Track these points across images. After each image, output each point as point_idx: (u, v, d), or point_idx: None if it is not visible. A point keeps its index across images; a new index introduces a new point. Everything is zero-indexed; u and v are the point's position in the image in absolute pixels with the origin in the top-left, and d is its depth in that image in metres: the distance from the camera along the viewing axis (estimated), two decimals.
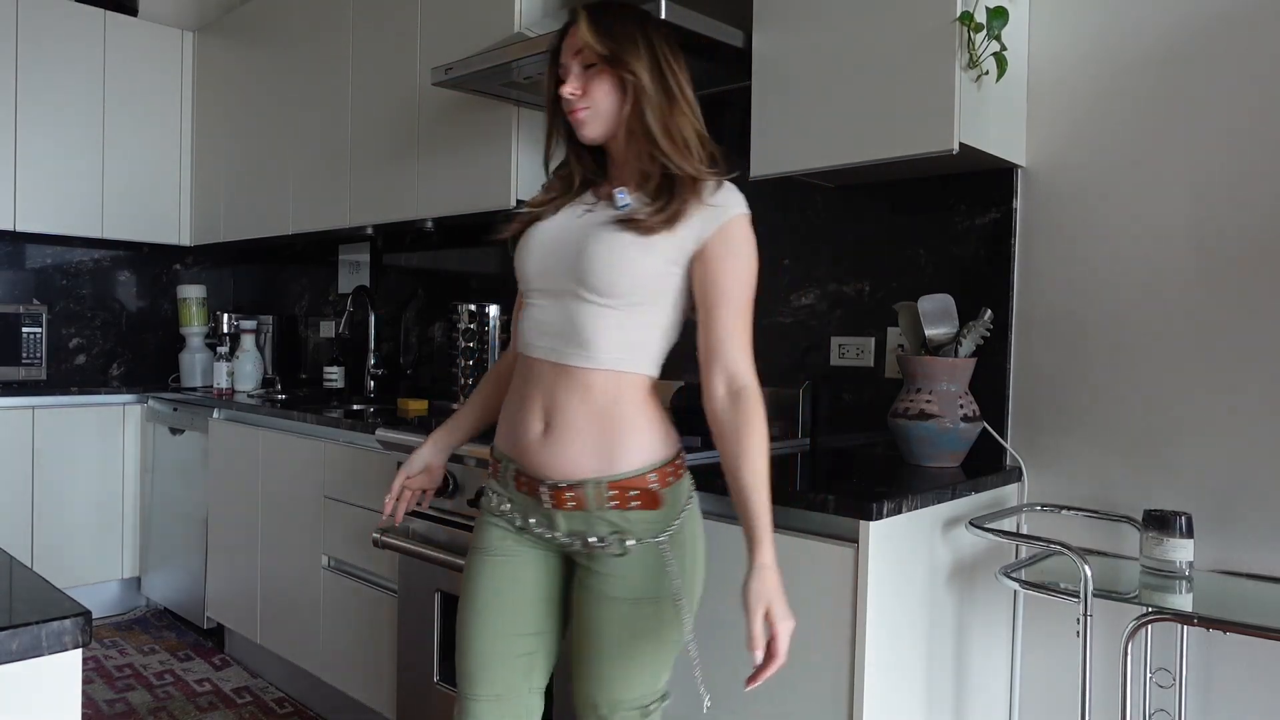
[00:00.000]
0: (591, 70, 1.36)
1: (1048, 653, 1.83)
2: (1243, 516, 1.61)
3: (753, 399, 1.34)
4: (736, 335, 1.35)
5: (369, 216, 2.99)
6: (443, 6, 2.66)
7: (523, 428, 1.39)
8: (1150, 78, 1.72)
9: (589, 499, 1.33)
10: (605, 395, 1.34)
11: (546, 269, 1.39)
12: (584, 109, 1.37)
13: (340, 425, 2.55)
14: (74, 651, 0.82)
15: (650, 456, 1.35)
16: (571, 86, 1.36)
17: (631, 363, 1.36)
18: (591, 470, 1.33)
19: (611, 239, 1.33)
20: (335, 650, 2.53)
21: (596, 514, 1.34)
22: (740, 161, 1.99)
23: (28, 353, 3.57)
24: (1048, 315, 1.84)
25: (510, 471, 1.42)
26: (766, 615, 1.23)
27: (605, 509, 1.33)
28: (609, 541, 1.34)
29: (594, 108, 1.36)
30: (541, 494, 1.36)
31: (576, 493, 1.34)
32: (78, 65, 3.60)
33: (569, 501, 1.35)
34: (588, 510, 1.34)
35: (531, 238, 1.43)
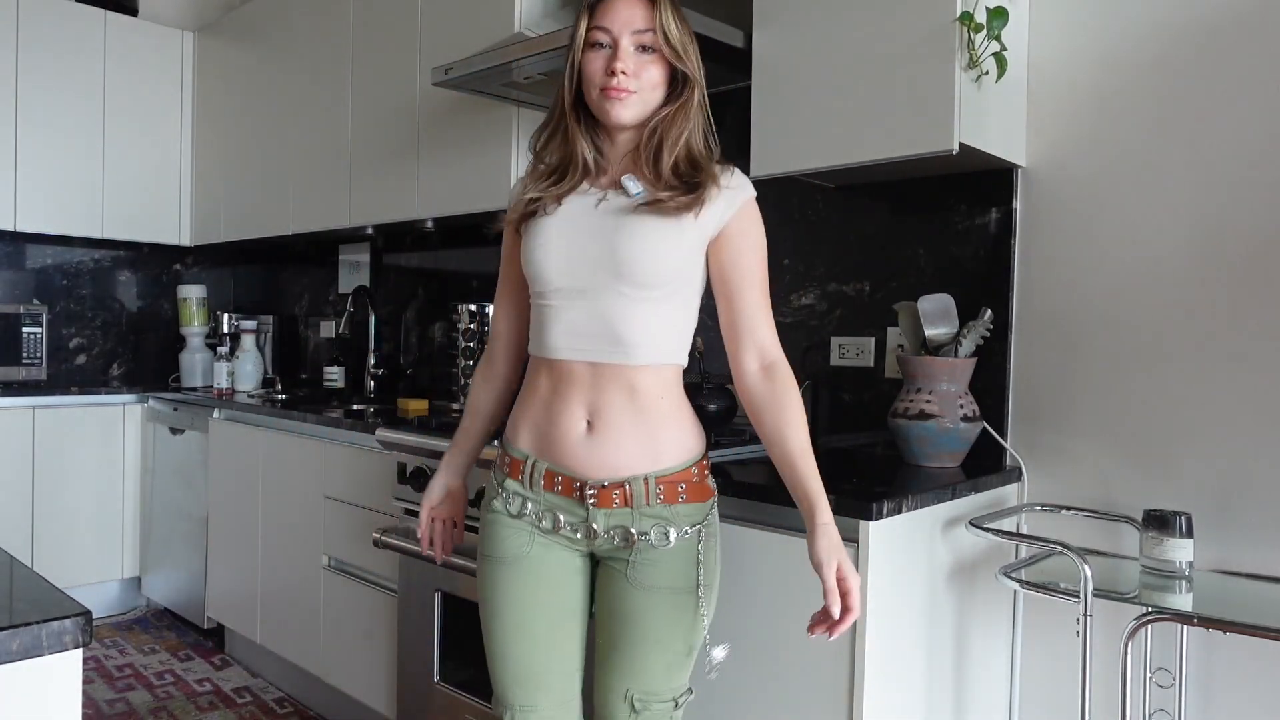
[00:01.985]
0: (646, 54, 1.32)
1: (1048, 653, 1.83)
2: (1243, 516, 1.61)
3: (787, 372, 1.37)
4: (763, 312, 1.37)
5: (369, 216, 2.99)
6: (443, 6, 2.66)
7: (561, 429, 1.35)
8: (1150, 77, 1.72)
9: (637, 496, 1.33)
10: (649, 391, 1.34)
11: (574, 268, 1.33)
12: (632, 91, 1.32)
13: (340, 425, 2.55)
14: (74, 651, 0.82)
15: (692, 450, 1.38)
16: (625, 63, 1.31)
17: (669, 353, 1.37)
18: (640, 467, 1.33)
19: (645, 227, 1.31)
20: (335, 650, 2.53)
21: (643, 510, 1.33)
22: (740, 161, 1.99)
23: (28, 353, 3.57)
24: (1048, 315, 1.84)
25: (540, 471, 1.37)
26: (838, 570, 1.25)
27: (654, 505, 1.33)
28: (653, 535, 1.34)
29: (640, 93, 1.32)
30: (586, 494, 1.34)
31: (624, 490, 1.33)
32: (78, 65, 3.60)
33: (615, 500, 1.33)
34: (633, 507, 1.33)
35: (544, 236, 1.36)
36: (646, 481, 1.33)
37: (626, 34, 1.32)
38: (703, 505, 1.37)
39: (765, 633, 1.55)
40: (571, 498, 1.35)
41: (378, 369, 3.35)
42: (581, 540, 1.37)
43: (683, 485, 1.35)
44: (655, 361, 1.35)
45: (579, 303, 1.34)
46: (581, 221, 1.35)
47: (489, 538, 1.42)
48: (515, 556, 1.39)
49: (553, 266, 1.35)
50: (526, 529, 1.39)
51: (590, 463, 1.34)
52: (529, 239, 1.38)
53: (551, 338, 1.36)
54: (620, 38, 1.32)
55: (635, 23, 1.32)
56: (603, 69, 1.32)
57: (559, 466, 1.36)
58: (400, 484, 2.20)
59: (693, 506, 1.36)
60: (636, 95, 1.32)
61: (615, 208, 1.34)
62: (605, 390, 1.34)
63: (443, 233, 3.23)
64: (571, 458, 1.35)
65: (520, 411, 1.43)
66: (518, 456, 1.41)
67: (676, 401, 1.38)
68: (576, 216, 1.36)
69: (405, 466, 2.18)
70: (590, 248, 1.33)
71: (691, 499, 1.36)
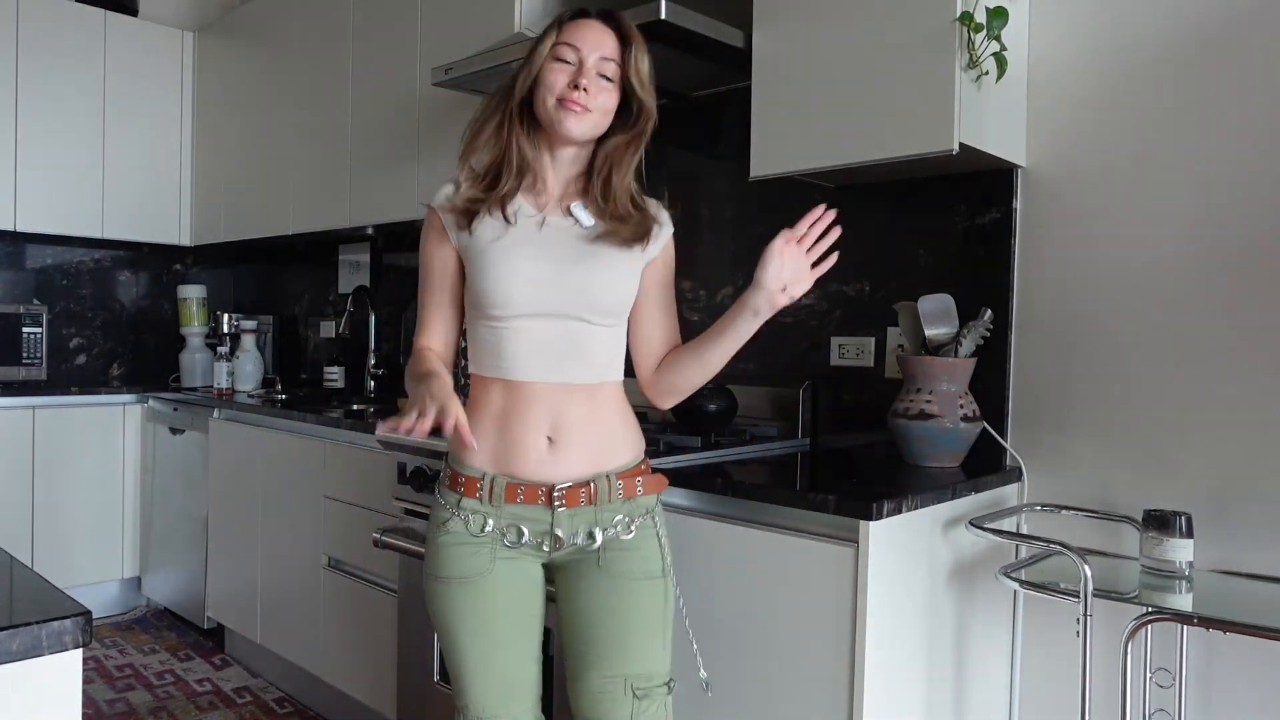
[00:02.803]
0: (605, 82, 1.38)
1: (1048, 653, 1.83)
2: (1243, 516, 1.61)
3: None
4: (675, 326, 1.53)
5: (369, 216, 2.99)
6: (443, 6, 2.66)
7: (522, 445, 1.39)
8: (1151, 78, 1.72)
9: (601, 492, 1.40)
10: (606, 403, 1.43)
11: (541, 295, 1.37)
12: (589, 110, 1.36)
13: (340, 425, 2.55)
14: (74, 651, 0.82)
15: (639, 448, 1.48)
16: (588, 81, 1.35)
17: (618, 370, 1.47)
18: (601, 466, 1.41)
19: (613, 261, 1.40)
20: (335, 650, 2.53)
21: (606, 507, 1.40)
22: (740, 161, 1.99)
23: (28, 353, 3.57)
24: (1048, 315, 1.84)
25: (500, 485, 1.39)
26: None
27: (616, 500, 1.41)
28: (619, 527, 1.41)
29: (594, 114, 1.38)
30: (554, 497, 1.38)
31: (589, 489, 1.39)
32: (78, 65, 3.60)
33: (581, 498, 1.39)
34: (597, 505, 1.40)
35: (507, 264, 1.38)
36: (609, 479, 1.40)
37: (594, 57, 1.37)
38: (654, 496, 1.47)
39: (765, 633, 1.55)
40: (535, 504, 1.39)
41: (378, 369, 3.35)
42: (546, 550, 1.41)
43: (639, 479, 1.44)
44: (612, 378, 1.45)
45: (546, 325, 1.38)
46: (548, 249, 1.40)
47: (446, 559, 1.42)
48: (477, 573, 1.41)
49: (519, 295, 1.38)
50: (487, 547, 1.41)
51: (555, 471, 1.39)
52: (492, 263, 1.39)
53: (513, 359, 1.40)
54: (587, 59, 1.37)
55: (604, 49, 1.37)
56: (566, 82, 1.36)
57: (520, 478, 1.39)
58: (400, 484, 2.20)
59: (650, 498, 1.45)
60: (591, 115, 1.37)
61: (576, 236, 1.41)
62: (564, 407, 1.40)
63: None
64: (533, 470, 1.39)
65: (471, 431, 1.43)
66: (472, 474, 1.41)
67: (623, 409, 1.47)
68: (540, 243, 1.40)
69: (405, 466, 2.18)
70: (561, 277, 1.38)
71: (649, 490, 1.45)
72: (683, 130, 2.45)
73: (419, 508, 2.14)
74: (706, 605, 1.61)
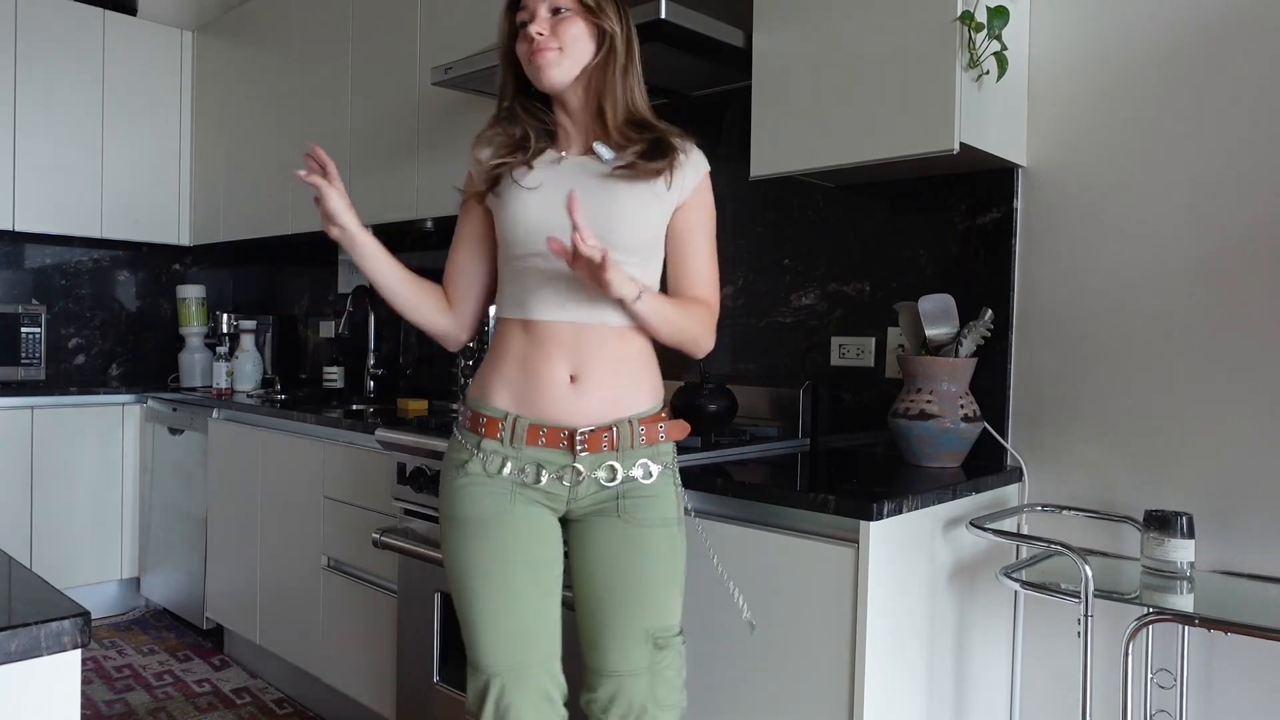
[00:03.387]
0: (561, 16, 1.36)
1: (1048, 653, 1.83)
2: (1243, 516, 1.61)
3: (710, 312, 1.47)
4: (713, 272, 1.49)
5: (369, 216, 2.98)
6: (443, 6, 2.66)
7: (543, 383, 1.38)
8: (1151, 78, 1.72)
9: (623, 438, 1.39)
10: (628, 347, 1.41)
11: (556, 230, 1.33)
12: (552, 49, 1.35)
13: (340, 425, 2.55)
14: (73, 652, 0.82)
15: (660, 394, 1.48)
16: (539, 25, 1.35)
17: None
18: (624, 411, 1.40)
19: (631, 194, 1.37)
20: (335, 650, 2.53)
21: (629, 452, 1.40)
22: (740, 162, 1.99)
23: (26, 353, 3.57)
24: (1048, 315, 1.84)
25: (522, 426, 1.38)
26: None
27: (639, 445, 1.40)
28: (639, 472, 1.40)
29: (565, 50, 1.36)
30: (576, 440, 1.37)
31: (612, 433, 1.39)
32: (77, 65, 3.60)
33: (604, 444, 1.38)
34: (619, 450, 1.39)
35: (521, 201, 1.39)
36: (631, 424, 1.40)
37: (542, 4, 1.37)
38: (673, 443, 1.47)
39: (765, 633, 1.54)
40: (557, 448, 1.38)
41: (377, 369, 3.35)
42: (565, 489, 1.39)
43: (661, 425, 1.44)
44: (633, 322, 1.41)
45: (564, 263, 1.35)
46: (563, 185, 1.37)
47: (464, 499, 1.40)
48: (495, 514, 1.39)
49: (536, 227, 1.37)
50: (506, 487, 1.40)
51: (576, 413, 1.38)
52: (509, 203, 1.41)
53: (533, 298, 1.40)
54: (537, 9, 1.37)
55: None
56: (526, 39, 1.37)
57: (543, 419, 1.38)
58: (400, 484, 2.19)
59: (669, 444, 1.46)
60: (561, 54, 1.37)
61: (594, 173, 1.39)
62: (587, 347, 1.39)
63: (443, 233, 3.22)
64: (556, 410, 1.38)
65: (491, 373, 1.44)
66: (494, 414, 1.41)
67: (648, 357, 1.46)
68: (559, 181, 1.39)
69: (405, 466, 2.18)
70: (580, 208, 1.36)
71: (671, 435, 1.46)
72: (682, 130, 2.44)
73: (419, 508, 2.14)
74: (707, 605, 1.61)
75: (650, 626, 1.40)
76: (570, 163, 1.43)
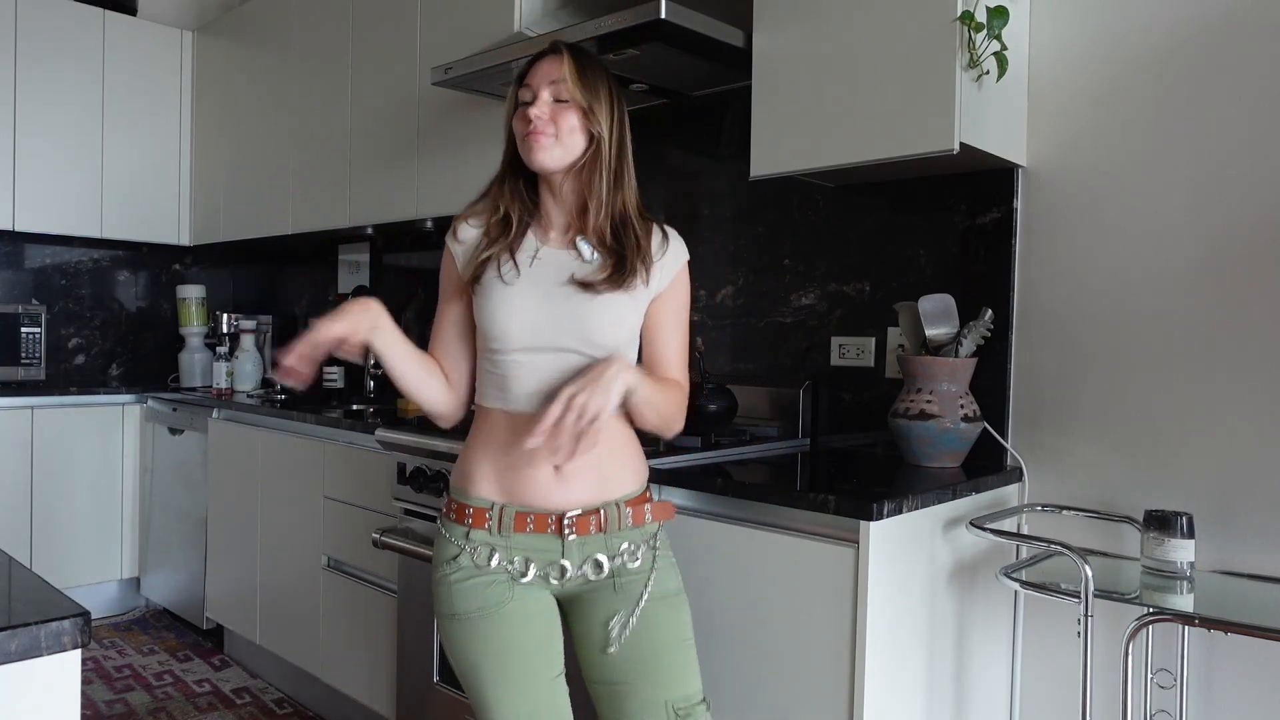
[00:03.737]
0: (562, 105, 1.38)
1: (1048, 653, 1.83)
2: (1244, 517, 1.61)
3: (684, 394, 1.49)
4: (685, 352, 1.51)
5: (369, 216, 2.99)
6: (443, 6, 2.66)
7: (526, 471, 1.38)
8: (1151, 77, 1.72)
9: (611, 520, 1.39)
10: (612, 431, 1.39)
11: (538, 331, 1.37)
12: (548, 134, 1.37)
13: (340, 425, 2.55)
14: (73, 652, 0.82)
15: (644, 474, 1.47)
16: (538, 110, 1.36)
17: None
18: (609, 494, 1.40)
19: (609, 300, 1.38)
20: (335, 650, 2.53)
21: (616, 534, 1.40)
22: (740, 162, 1.99)
23: (26, 353, 3.57)
24: (1048, 315, 1.84)
25: (509, 514, 1.38)
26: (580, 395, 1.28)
27: (625, 527, 1.40)
28: (625, 556, 1.40)
29: (559, 138, 1.37)
30: (564, 524, 1.37)
31: (599, 515, 1.39)
32: (77, 65, 3.60)
33: (592, 525, 1.38)
34: (607, 533, 1.39)
35: (503, 298, 1.39)
36: (618, 506, 1.40)
37: (545, 85, 1.39)
38: (659, 523, 1.46)
39: (765, 633, 1.54)
40: (545, 533, 1.38)
41: (377, 369, 3.35)
42: (554, 582, 1.40)
43: (647, 507, 1.44)
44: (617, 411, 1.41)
45: (545, 359, 1.38)
46: (545, 287, 1.39)
47: (459, 596, 1.39)
48: (493, 606, 1.38)
49: (515, 330, 1.38)
50: (503, 578, 1.39)
51: (564, 498, 1.38)
52: (490, 298, 1.41)
53: (514, 392, 1.40)
54: (539, 90, 1.39)
55: (552, 74, 1.39)
56: (523, 119, 1.39)
57: (530, 506, 1.39)
58: (400, 484, 2.19)
59: (654, 525, 1.45)
60: (554, 139, 1.37)
61: (572, 273, 1.39)
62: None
63: (442, 232, 3.20)
64: (542, 497, 1.38)
65: (474, 462, 1.43)
66: (480, 505, 1.40)
67: (629, 437, 1.46)
68: (539, 281, 1.40)
69: (405, 466, 2.18)
70: (558, 315, 1.38)
71: (657, 517, 1.45)
72: (683, 130, 2.45)
73: (418, 508, 2.14)
74: (707, 606, 1.61)
75: (671, 699, 1.39)
76: (548, 257, 1.41)
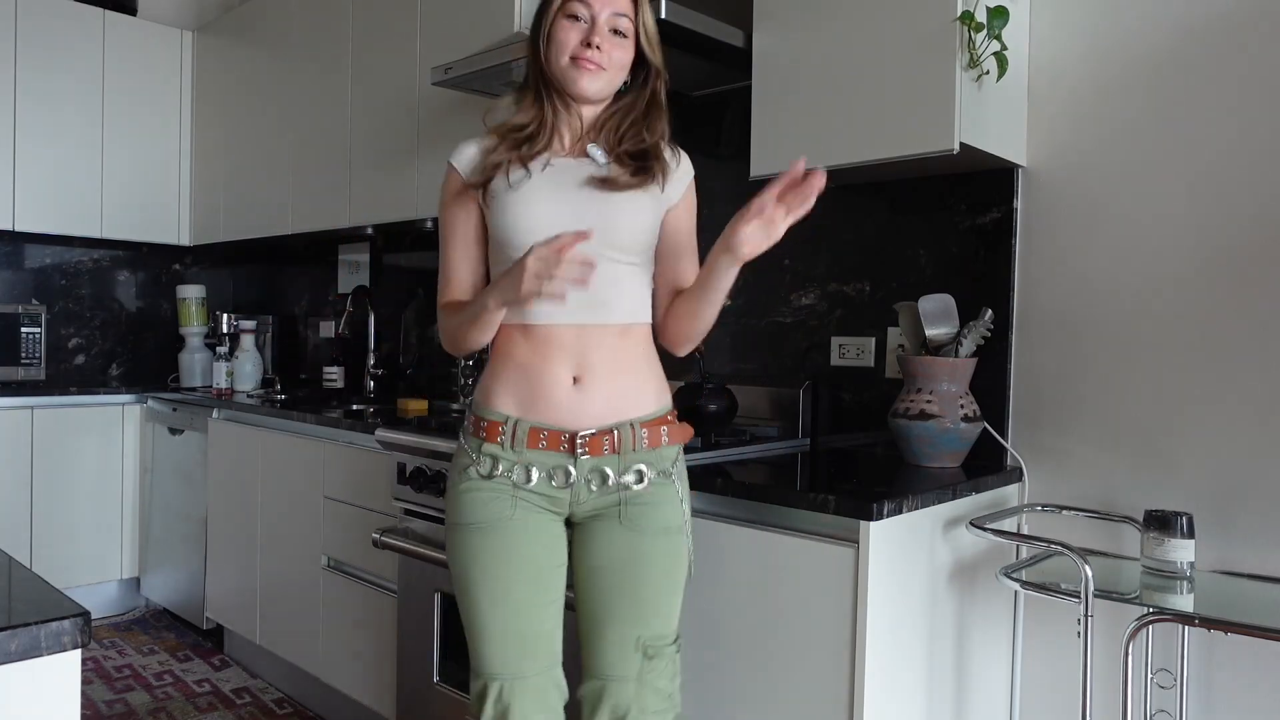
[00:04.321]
0: (618, 37, 1.39)
1: (1048, 653, 1.83)
2: (1244, 517, 1.61)
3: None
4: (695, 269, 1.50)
5: (369, 216, 2.99)
6: (443, 6, 2.66)
7: (545, 387, 1.38)
8: (1151, 77, 1.72)
9: (625, 441, 1.39)
10: (631, 346, 1.42)
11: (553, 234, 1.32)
12: (603, 67, 1.38)
13: (340, 425, 2.55)
14: (73, 652, 0.82)
15: (665, 397, 1.47)
16: (600, 38, 1.37)
17: (644, 312, 1.47)
18: (626, 413, 1.40)
19: (629, 199, 1.39)
20: (335, 650, 2.53)
21: (630, 455, 1.39)
22: (740, 161, 1.99)
23: (26, 353, 3.57)
24: (1048, 315, 1.84)
25: (523, 429, 1.38)
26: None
27: (640, 449, 1.40)
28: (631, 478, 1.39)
29: (609, 70, 1.39)
30: (577, 442, 1.37)
31: (613, 436, 1.38)
32: (77, 65, 3.60)
33: (605, 446, 1.38)
34: (620, 453, 1.39)
35: (522, 202, 1.38)
36: (633, 427, 1.39)
37: (606, 12, 1.38)
38: (677, 447, 1.46)
39: (765, 633, 1.54)
40: (557, 450, 1.38)
41: (377, 369, 3.35)
42: (560, 490, 1.39)
43: (664, 428, 1.43)
44: (635, 320, 1.44)
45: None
46: (565, 189, 1.40)
47: (466, 505, 1.41)
48: (497, 520, 1.39)
49: (538, 232, 1.34)
50: (507, 492, 1.39)
51: (578, 415, 1.38)
52: (508, 204, 1.40)
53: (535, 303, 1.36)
54: (599, 15, 1.38)
55: (616, 5, 1.38)
56: (579, 39, 1.38)
57: (544, 422, 1.38)
58: (400, 484, 2.19)
59: (673, 448, 1.44)
60: (606, 72, 1.39)
61: (589, 176, 1.40)
62: (590, 349, 1.39)
63: None
64: (558, 413, 1.38)
65: (494, 379, 1.44)
66: (495, 419, 1.41)
67: (650, 356, 1.47)
68: (558, 183, 1.40)
69: (405, 466, 2.18)
70: (581, 213, 1.36)
71: (673, 439, 1.44)
72: (683, 130, 2.44)
73: (419, 508, 2.14)
74: (707, 605, 1.61)
75: (643, 635, 1.40)
76: (559, 164, 1.42)
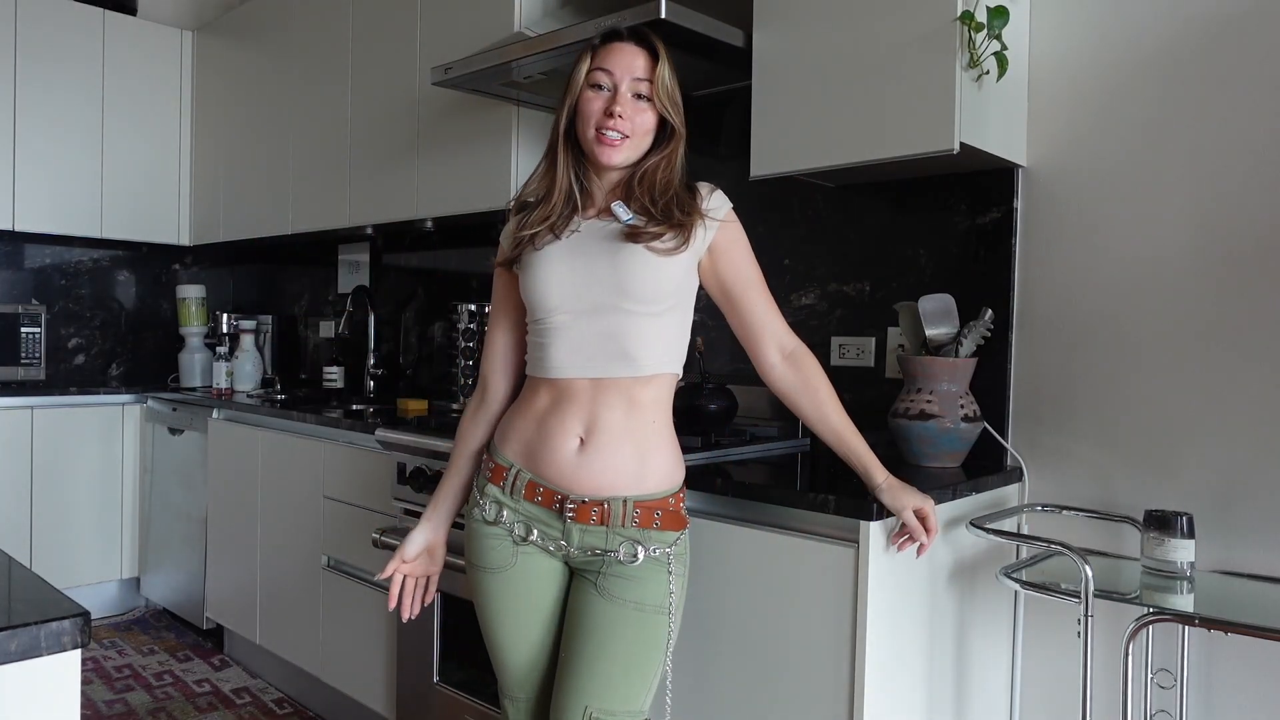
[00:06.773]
0: (641, 102, 1.38)
1: (1048, 653, 1.83)
2: (1244, 517, 1.61)
3: (808, 355, 1.50)
4: (771, 309, 1.48)
5: (369, 216, 2.99)
6: (443, 6, 2.66)
7: (552, 444, 1.38)
8: (1152, 77, 1.72)
9: (614, 516, 1.37)
10: (646, 406, 1.40)
11: (577, 288, 1.37)
12: (626, 136, 1.37)
13: (340, 425, 2.55)
14: (73, 652, 0.82)
15: (673, 479, 1.43)
16: (623, 107, 1.36)
17: (668, 363, 1.43)
18: (622, 488, 1.37)
19: (651, 248, 1.36)
20: (335, 650, 2.53)
21: (617, 530, 1.37)
22: (740, 162, 1.99)
23: (26, 353, 3.57)
24: (1048, 315, 1.84)
25: (522, 481, 1.41)
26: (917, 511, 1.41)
27: (629, 526, 1.37)
28: (622, 552, 1.37)
29: (633, 138, 1.38)
30: (565, 508, 1.37)
31: (602, 509, 1.37)
32: (77, 65, 3.60)
33: (593, 517, 1.37)
34: (609, 526, 1.37)
35: (541, 263, 1.40)
36: (625, 504, 1.37)
37: (627, 79, 1.38)
38: (675, 532, 1.41)
39: (765, 633, 1.54)
40: (550, 509, 1.39)
41: (377, 369, 3.35)
42: (556, 552, 1.42)
43: (659, 512, 1.39)
44: (656, 371, 1.40)
45: (583, 320, 1.37)
46: (581, 246, 1.39)
47: (475, 549, 1.47)
48: (500, 566, 1.44)
49: (555, 291, 1.38)
50: (507, 540, 1.43)
51: (576, 479, 1.38)
52: (530, 268, 1.42)
53: (555, 356, 1.39)
54: (620, 83, 1.37)
55: (636, 70, 1.38)
56: (601, 109, 1.37)
57: (542, 479, 1.40)
58: (400, 484, 2.19)
59: (668, 534, 1.40)
60: (630, 140, 1.38)
61: (608, 234, 1.39)
62: (603, 406, 1.38)
63: (442, 232, 3.22)
64: (557, 473, 1.38)
65: (511, 423, 1.47)
66: (502, 463, 1.44)
67: (667, 423, 1.44)
68: (578, 243, 1.40)
69: (405, 466, 2.18)
70: (594, 268, 1.37)
71: (666, 527, 1.40)
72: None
73: (419, 508, 2.14)
74: (707, 605, 1.61)
75: (591, 706, 1.35)
76: (588, 226, 1.42)
